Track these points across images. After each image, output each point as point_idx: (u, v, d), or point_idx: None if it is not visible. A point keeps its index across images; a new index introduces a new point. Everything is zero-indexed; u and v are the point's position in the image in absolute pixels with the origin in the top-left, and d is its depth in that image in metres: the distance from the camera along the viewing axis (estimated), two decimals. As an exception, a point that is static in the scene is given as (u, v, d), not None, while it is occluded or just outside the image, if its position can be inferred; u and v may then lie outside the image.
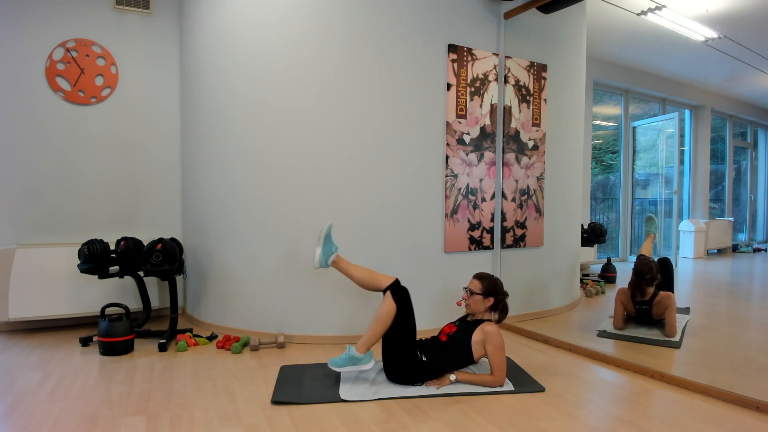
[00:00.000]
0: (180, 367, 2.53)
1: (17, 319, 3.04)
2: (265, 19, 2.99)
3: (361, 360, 2.24)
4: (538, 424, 1.89)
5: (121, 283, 3.32)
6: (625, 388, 2.27)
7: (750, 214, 3.77)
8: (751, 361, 2.61)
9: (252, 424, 1.87)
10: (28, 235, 3.30)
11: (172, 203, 3.74)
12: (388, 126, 3.02)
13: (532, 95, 3.52)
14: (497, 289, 2.38)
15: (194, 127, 3.43)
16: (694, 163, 3.68)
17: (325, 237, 2.42)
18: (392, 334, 2.22)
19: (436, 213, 3.16)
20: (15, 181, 3.27)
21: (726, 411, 2.02)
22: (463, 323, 2.38)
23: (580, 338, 3.02)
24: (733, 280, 3.92)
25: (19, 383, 2.27)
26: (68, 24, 3.36)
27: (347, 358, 2.24)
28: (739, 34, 3.09)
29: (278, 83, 2.97)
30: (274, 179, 3.00)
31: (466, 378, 2.26)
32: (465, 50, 3.21)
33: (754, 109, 3.71)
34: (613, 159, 4.07)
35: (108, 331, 2.70)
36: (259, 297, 3.05)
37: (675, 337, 2.91)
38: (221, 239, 3.20)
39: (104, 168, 3.50)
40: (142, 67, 3.60)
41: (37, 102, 3.30)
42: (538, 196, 3.59)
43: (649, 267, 3.02)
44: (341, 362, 2.25)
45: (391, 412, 1.99)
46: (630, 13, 3.40)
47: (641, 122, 3.90)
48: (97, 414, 1.94)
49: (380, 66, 2.99)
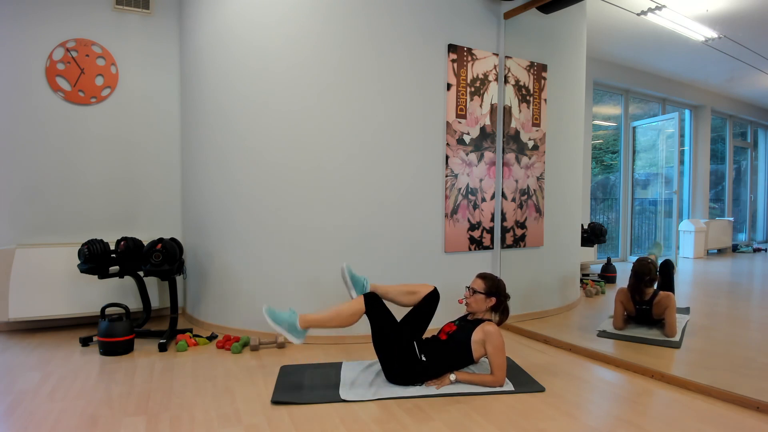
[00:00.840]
0: (180, 367, 2.53)
1: (17, 319, 3.04)
2: (265, 19, 2.99)
3: (296, 332, 2.15)
4: (538, 424, 1.89)
5: (121, 283, 3.32)
6: (625, 388, 2.27)
7: (750, 214, 3.77)
8: (751, 361, 2.61)
9: (252, 424, 1.87)
10: (28, 235, 3.30)
11: (172, 203, 3.74)
12: (388, 126, 3.02)
13: (532, 95, 3.52)
14: (500, 290, 2.38)
15: (194, 127, 3.43)
16: (694, 163, 3.68)
17: (351, 278, 2.36)
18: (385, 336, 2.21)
19: (436, 213, 3.16)
20: (15, 181, 3.27)
21: (726, 411, 2.02)
22: (463, 322, 2.38)
23: (580, 338, 3.02)
24: (733, 280, 3.92)
25: (19, 383, 2.27)
26: (68, 24, 3.36)
27: (287, 321, 2.14)
28: (739, 34, 3.09)
29: (278, 83, 2.97)
30: (274, 179, 3.00)
31: (466, 378, 2.26)
32: (465, 50, 3.21)
33: (754, 109, 3.71)
34: (613, 159, 4.07)
35: (108, 331, 2.70)
36: (259, 297, 3.05)
37: (675, 337, 2.91)
38: (221, 239, 3.20)
39: (104, 168, 3.50)
40: (142, 67, 3.60)
41: (37, 102, 3.30)
42: (538, 196, 3.59)
43: (648, 268, 3.02)
44: (279, 319, 2.14)
45: (391, 412, 1.99)
46: (630, 13, 3.40)
47: (641, 122, 3.90)
48: (97, 414, 1.94)
49: (380, 66, 2.99)
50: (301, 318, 2.19)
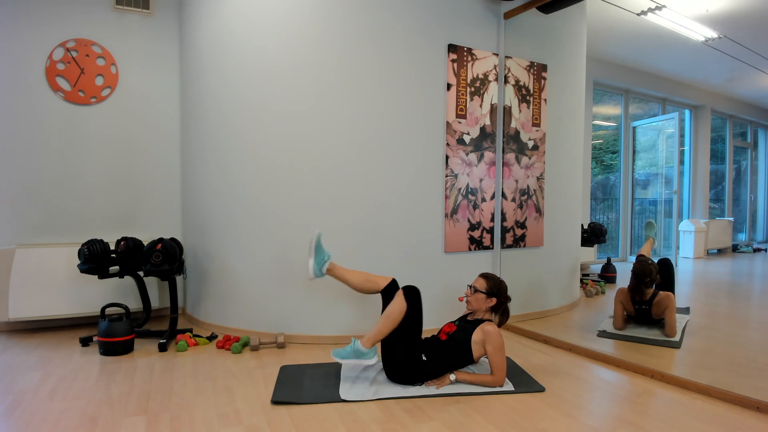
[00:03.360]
0: (180, 367, 2.53)
1: (17, 319, 3.04)
2: (265, 19, 2.99)
3: (366, 355, 2.22)
4: (538, 424, 1.89)
5: (121, 283, 3.32)
6: (625, 388, 2.27)
7: (750, 214, 3.77)
8: (751, 361, 2.61)
9: (252, 424, 1.87)
10: (28, 235, 3.30)
11: (172, 203, 3.74)
12: (389, 126, 3.02)
13: (532, 95, 3.52)
14: (501, 290, 2.38)
15: (194, 127, 3.43)
16: (694, 163, 3.68)
17: (316, 246, 2.40)
18: (397, 334, 2.22)
19: (436, 213, 3.17)
20: (15, 181, 3.27)
21: (726, 411, 2.02)
22: (463, 322, 2.38)
23: (580, 338, 3.02)
24: (733, 280, 3.92)
25: (19, 383, 2.27)
26: (68, 24, 3.36)
27: (352, 351, 2.22)
28: (739, 34, 3.09)
29: (278, 83, 2.97)
30: (274, 179, 3.00)
31: (466, 378, 2.26)
32: (465, 50, 3.21)
33: (754, 109, 3.71)
34: (613, 159, 4.07)
35: (108, 331, 2.70)
36: (259, 297, 3.05)
37: (675, 337, 2.91)
38: (221, 239, 3.20)
39: (104, 168, 3.50)
40: (142, 67, 3.60)
41: (37, 102, 3.30)
42: (538, 196, 3.59)
43: (648, 269, 3.02)
44: (345, 354, 2.22)
45: (391, 412, 1.99)
46: (630, 13, 3.40)
47: (641, 122, 3.90)
48: (97, 414, 1.94)
49: (380, 66, 2.99)
50: (363, 342, 2.22)
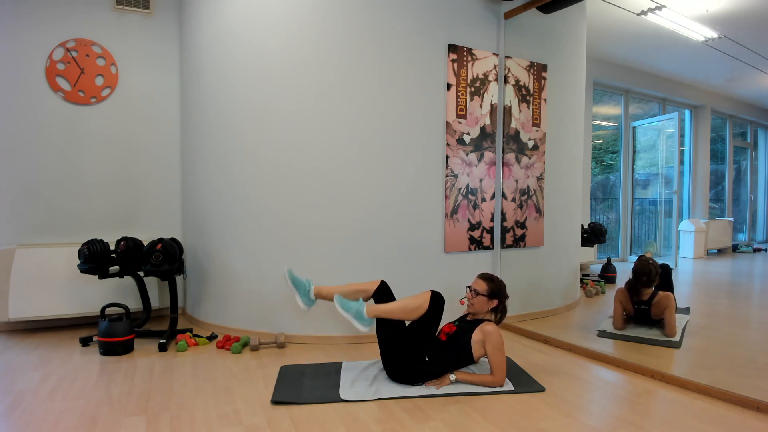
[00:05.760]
0: (180, 367, 2.53)
1: (17, 319, 3.04)
2: (265, 19, 2.99)
3: (363, 320, 2.25)
4: (538, 424, 1.89)
5: (121, 283, 3.32)
6: (625, 388, 2.27)
7: (750, 214, 3.77)
8: (751, 361, 2.61)
9: (252, 424, 1.87)
10: (28, 235, 3.30)
11: (172, 203, 3.74)
12: (389, 126, 3.02)
13: (532, 95, 3.52)
14: (502, 291, 2.39)
15: (194, 127, 3.43)
16: (694, 163, 3.68)
17: (292, 282, 2.45)
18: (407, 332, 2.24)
19: (436, 213, 3.17)
20: (15, 181, 3.27)
21: (726, 411, 2.02)
22: (463, 323, 2.38)
23: (580, 338, 3.02)
24: (733, 280, 3.92)
25: (19, 383, 2.27)
26: (68, 24, 3.36)
27: (355, 310, 2.26)
28: (739, 34, 3.09)
29: (279, 83, 2.97)
30: (274, 179, 3.00)
31: (466, 378, 2.26)
32: (465, 50, 3.21)
33: (754, 109, 3.71)
34: (613, 159, 4.07)
35: (108, 331, 2.70)
36: (259, 297, 3.05)
37: (675, 337, 2.91)
38: (221, 239, 3.20)
39: (104, 168, 3.50)
40: (142, 67, 3.60)
41: (37, 102, 3.30)
42: (538, 196, 3.59)
43: (647, 268, 3.01)
44: (348, 307, 2.26)
45: (391, 412, 2.00)
46: (630, 13, 3.40)
47: (641, 122, 3.90)
48: (97, 414, 1.94)
49: (380, 66, 2.99)
50: (367, 307, 2.27)
